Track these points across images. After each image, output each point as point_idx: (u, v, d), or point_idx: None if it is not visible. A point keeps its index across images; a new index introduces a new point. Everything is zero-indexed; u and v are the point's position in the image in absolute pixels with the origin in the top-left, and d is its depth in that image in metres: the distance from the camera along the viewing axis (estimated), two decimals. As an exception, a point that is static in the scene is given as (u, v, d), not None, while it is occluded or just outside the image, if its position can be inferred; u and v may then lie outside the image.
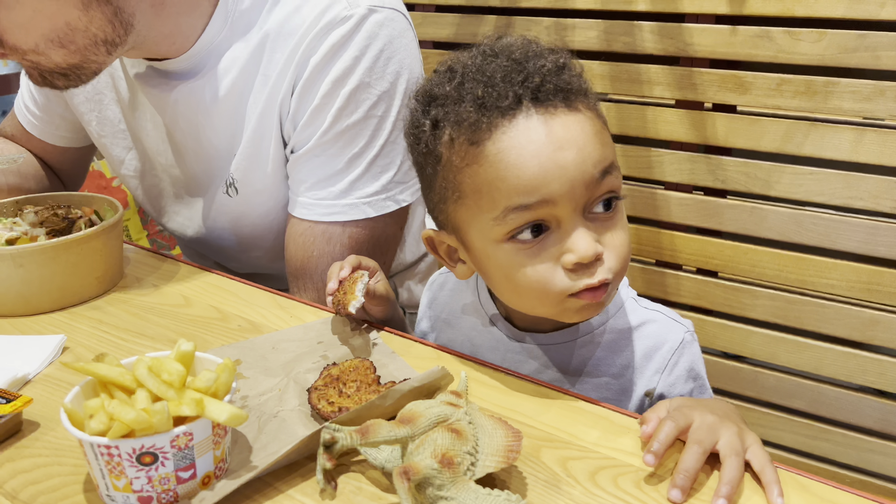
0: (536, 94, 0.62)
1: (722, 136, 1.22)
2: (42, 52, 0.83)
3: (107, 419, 0.51)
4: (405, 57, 0.92)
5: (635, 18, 1.26)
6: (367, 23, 0.88)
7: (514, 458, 0.53)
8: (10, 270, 0.82)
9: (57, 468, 0.59)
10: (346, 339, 0.77)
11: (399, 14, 0.92)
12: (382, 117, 0.91)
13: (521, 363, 0.75)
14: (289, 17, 0.89)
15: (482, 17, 1.40)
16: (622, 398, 0.73)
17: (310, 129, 0.91)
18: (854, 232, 1.14)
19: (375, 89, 0.90)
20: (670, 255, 1.32)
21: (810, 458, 1.27)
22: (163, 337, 0.79)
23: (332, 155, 0.91)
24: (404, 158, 0.93)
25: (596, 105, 0.67)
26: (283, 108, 0.92)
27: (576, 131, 0.63)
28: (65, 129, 1.13)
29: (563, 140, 0.62)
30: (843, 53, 1.09)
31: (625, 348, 0.73)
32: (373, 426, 0.53)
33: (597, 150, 0.63)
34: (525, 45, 0.67)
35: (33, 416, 0.65)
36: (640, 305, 0.76)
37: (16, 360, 0.73)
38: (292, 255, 0.95)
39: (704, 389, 0.74)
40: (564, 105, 0.63)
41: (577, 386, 0.74)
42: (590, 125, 0.64)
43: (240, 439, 0.61)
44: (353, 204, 0.92)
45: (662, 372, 0.72)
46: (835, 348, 1.20)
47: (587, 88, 0.66)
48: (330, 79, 0.88)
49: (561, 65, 0.66)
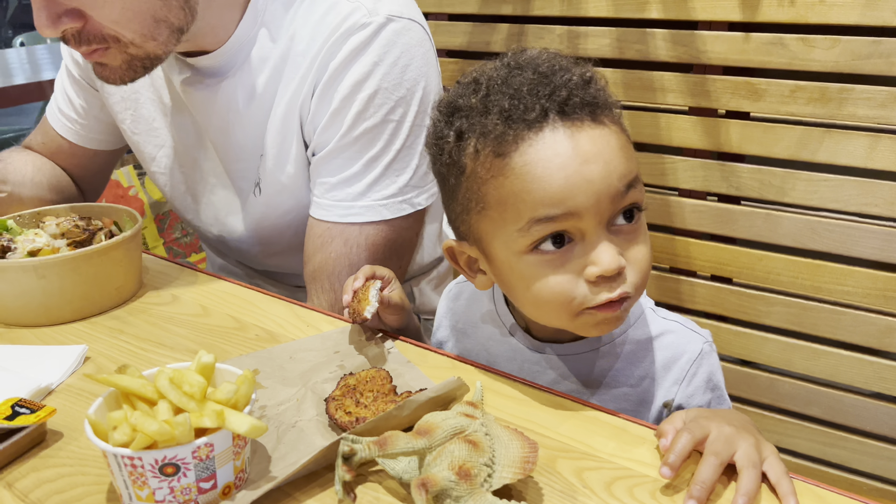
0: (563, 107, 0.63)
1: (736, 143, 1.22)
2: (139, 44, 0.88)
3: (130, 431, 0.52)
4: (422, 66, 0.94)
5: (648, 26, 1.26)
6: (385, 30, 0.92)
7: (531, 469, 0.53)
8: (32, 282, 0.83)
9: (80, 478, 0.60)
10: (362, 348, 0.78)
11: (417, 25, 0.95)
12: (399, 122, 0.94)
13: (540, 373, 0.75)
14: (316, 24, 0.93)
15: (495, 26, 1.40)
16: (641, 409, 0.73)
17: (329, 132, 0.94)
18: (870, 239, 1.14)
19: (393, 94, 0.93)
20: (685, 261, 1.32)
21: (827, 466, 1.27)
22: (182, 347, 0.80)
23: (351, 157, 0.94)
24: (420, 163, 0.96)
25: (620, 119, 0.67)
26: (304, 110, 0.95)
27: (601, 145, 0.63)
28: (99, 131, 1.15)
29: (590, 154, 0.63)
30: (856, 60, 1.09)
31: (644, 359, 0.73)
32: (390, 438, 0.53)
33: (622, 164, 0.64)
34: (550, 59, 0.68)
35: (57, 426, 0.66)
36: (659, 316, 0.76)
37: (39, 370, 0.74)
38: (310, 255, 0.97)
39: (723, 400, 0.73)
40: (591, 119, 0.64)
41: (595, 397, 0.74)
42: (615, 139, 0.65)
43: (259, 449, 0.62)
44: (370, 206, 0.94)
45: (681, 383, 0.72)
46: (851, 355, 1.20)
47: (612, 102, 0.67)
48: (348, 82, 0.92)
49: (587, 79, 0.66)
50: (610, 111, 0.66)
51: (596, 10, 1.29)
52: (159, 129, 1.08)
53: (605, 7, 1.28)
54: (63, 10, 0.83)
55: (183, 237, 1.75)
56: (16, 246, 0.88)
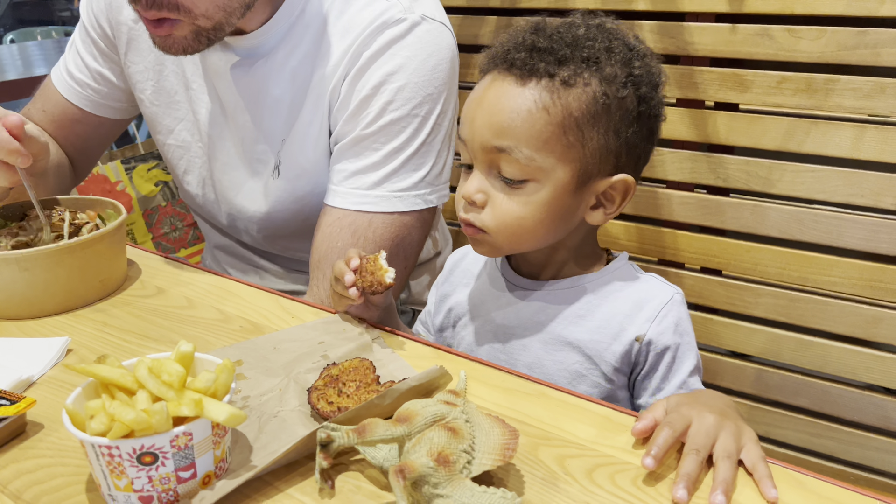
0: (512, 61, 0.73)
1: (723, 135, 1.22)
2: (210, 15, 0.88)
3: (107, 420, 0.52)
4: (449, 70, 0.97)
5: (635, 18, 1.26)
6: (419, 28, 0.94)
7: (511, 455, 0.54)
8: (16, 274, 0.83)
9: (60, 469, 0.60)
10: (346, 339, 0.78)
11: (448, 31, 0.98)
12: (424, 118, 0.96)
13: (524, 308, 0.81)
14: (352, 17, 0.95)
15: (483, 18, 1.40)
16: (614, 343, 0.77)
17: (355, 120, 0.96)
18: (856, 229, 1.14)
19: (422, 90, 0.95)
20: (673, 253, 1.32)
21: (815, 456, 1.27)
22: (166, 339, 0.80)
23: (373, 147, 0.96)
24: (436, 161, 0.99)
25: (571, 105, 0.72)
26: (333, 97, 0.97)
27: (504, 100, 0.73)
28: (113, 98, 1.14)
29: (487, 101, 0.74)
30: (842, 51, 1.09)
31: (619, 298, 0.79)
32: (369, 425, 0.53)
33: (506, 124, 0.72)
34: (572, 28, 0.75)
35: (37, 417, 0.66)
36: (637, 271, 0.83)
37: (20, 362, 0.74)
38: (318, 244, 0.97)
39: (690, 347, 0.78)
40: (520, 79, 0.72)
41: (574, 326, 0.79)
42: (529, 103, 0.72)
43: (240, 439, 0.62)
44: (384, 196, 0.96)
45: (652, 321, 0.77)
46: (838, 345, 1.20)
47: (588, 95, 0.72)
48: (380, 72, 0.94)
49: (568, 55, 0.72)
50: (566, 89, 0.71)
51: (583, 2, 1.29)
52: (181, 103, 1.08)
53: (592, 0, 1.28)
54: None
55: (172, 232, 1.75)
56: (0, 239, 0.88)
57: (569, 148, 0.72)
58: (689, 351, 0.77)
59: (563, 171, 0.73)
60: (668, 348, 0.76)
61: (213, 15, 0.88)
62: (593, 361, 0.78)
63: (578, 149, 0.73)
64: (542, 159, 0.73)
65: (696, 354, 0.78)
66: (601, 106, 0.72)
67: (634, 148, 0.76)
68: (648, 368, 0.77)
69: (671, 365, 0.77)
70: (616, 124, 0.73)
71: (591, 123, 0.72)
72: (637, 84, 0.74)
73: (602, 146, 0.73)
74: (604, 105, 0.72)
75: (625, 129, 0.74)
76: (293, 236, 1.09)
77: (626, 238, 1.35)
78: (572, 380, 0.78)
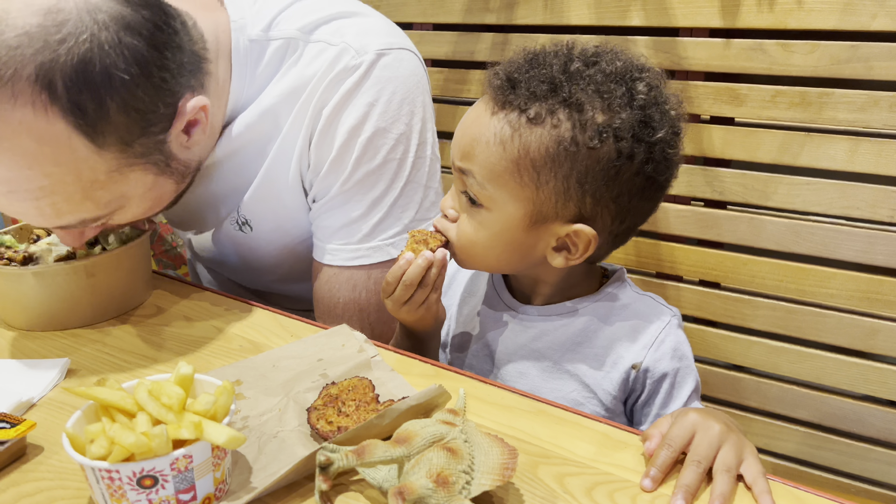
0: (496, 89, 0.72)
1: (719, 148, 1.23)
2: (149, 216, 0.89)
3: (107, 443, 0.52)
4: (417, 95, 0.92)
5: (630, 33, 1.27)
6: (376, 68, 0.89)
7: (510, 475, 0.54)
8: (82, 281, 0.85)
9: (60, 492, 0.60)
10: (345, 357, 0.78)
11: (408, 52, 0.93)
12: (401, 159, 0.92)
13: (521, 333, 0.81)
14: (300, 74, 0.90)
15: (479, 35, 1.41)
16: (612, 370, 0.76)
17: (330, 179, 0.92)
18: (852, 241, 1.14)
19: (392, 133, 0.90)
20: (670, 266, 1.32)
21: (815, 469, 1.27)
22: (165, 358, 0.80)
23: (354, 201, 0.92)
24: (425, 195, 0.95)
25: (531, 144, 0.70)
26: (303, 161, 0.92)
27: (476, 125, 0.73)
28: None
29: (464, 121, 0.76)
30: (836, 64, 1.10)
31: (615, 322, 0.78)
32: (369, 446, 0.53)
33: (468, 149, 0.73)
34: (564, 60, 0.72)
35: (37, 440, 0.66)
36: (633, 290, 0.81)
37: (20, 384, 0.74)
38: (319, 300, 0.96)
39: (690, 371, 0.77)
40: (497, 106, 0.72)
41: (570, 354, 0.78)
42: (489, 134, 0.72)
43: (240, 460, 0.62)
44: (378, 246, 0.93)
45: (650, 348, 0.76)
46: (836, 357, 1.20)
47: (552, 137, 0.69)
48: (345, 128, 0.89)
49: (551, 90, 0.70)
50: (531, 127, 0.69)
51: (578, 18, 1.30)
52: None
53: (588, 15, 1.29)
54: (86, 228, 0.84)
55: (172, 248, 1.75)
56: (38, 255, 0.88)
57: (522, 186, 0.71)
58: (687, 375, 0.76)
59: (515, 208, 0.72)
60: (667, 375, 0.75)
61: (142, 216, 0.87)
62: (591, 390, 0.77)
63: (532, 189, 0.71)
64: (494, 191, 0.72)
65: (695, 377, 0.77)
66: (563, 151, 0.68)
67: (606, 201, 0.71)
68: (647, 396, 0.76)
69: (670, 391, 0.76)
70: (580, 173, 0.69)
71: (549, 167, 0.69)
72: (618, 136, 0.68)
73: (559, 192, 0.70)
74: (567, 150, 0.68)
75: (592, 180, 0.69)
76: (286, 280, 1.07)
77: (623, 252, 1.35)
78: (573, 405, 0.78)
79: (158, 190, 0.85)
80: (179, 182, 0.87)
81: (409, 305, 0.78)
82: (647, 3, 1.23)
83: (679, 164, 0.74)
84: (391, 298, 0.79)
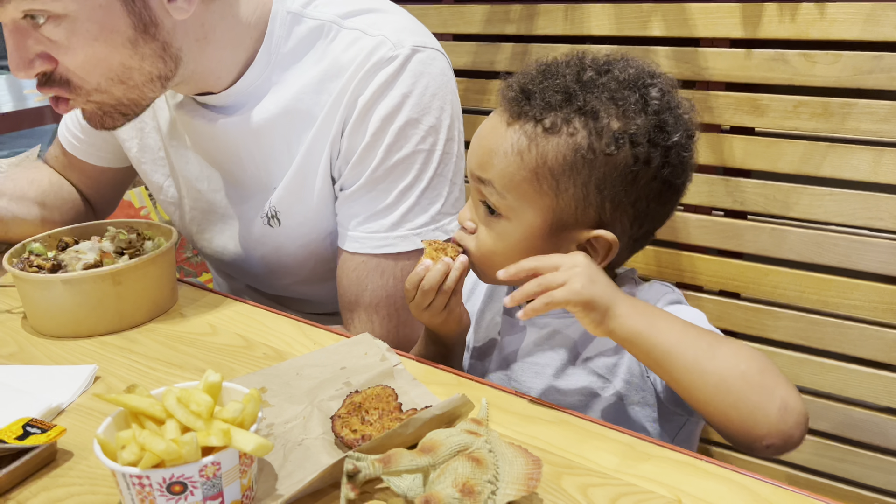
0: (510, 101, 0.74)
1: (740, 159, 1.22)
2: (104, 90, 0.88)
3: (138, 450, 0.53)
4: (447, 93, 0.96)
5: (650, 43, 1.27)
6: (411, 62, 0.92)
7: (535, 485, 0.54)
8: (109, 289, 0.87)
9: (90, 497, 0.61)
10: (368, 366, 0.78)
11: (440, 54, 0.97)
12: (430, 151, 0.94)
13: (534, 333, 0.82)
14: (337, 57, 0.93)
15: (499, 45, 1.42)
16: (624, 353, 0.78)
17: (361, 167, 0.94)
18: (876, 252, 1.13)
19: (423, 124, 0.93)
20: (690, 276, 1.32)
21: (837, 481, 1.26)
22: (190, 366, 0.81)
23: (383, 190, 0.94)
24: (451, 190, 0.98)
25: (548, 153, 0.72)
26: (334, 149, 0.95)
27: (492, 136, 0.75)
28: (106, 150, 1.16)
29: (481, 132, 0.77)
30: (858, 75, 1.09)
31: None
32: (395, 455, 0.54)
33: (486, 159, 0.74)
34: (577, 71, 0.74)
35: (67, 445, 0.67)
36: (640, 283, 0.83)
37: (50, 390, 0.75)
38: (345, 288, 0.97)
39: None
40: (512, 116, 0.74)
41: (583, 347, 0.80)
42: (507, 144, 0.73)
43: (265, 467, 0.62)
44: (405, 236, 0.95)
45: None
46: (860, 369, 1.19)
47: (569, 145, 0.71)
48: (378, 116, 0.92)
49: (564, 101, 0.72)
50: (547, 136, 0.71)
51: (598, 28, 1.30)
52: (165, 160, 1.09)
53: (608, 25, 1.29)
54: (34, 53, 0.84)
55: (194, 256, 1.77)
56: (66, 263, 0.90)
57: (541, 195, 0.72)
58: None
59: (534, 216, 0.74)
60: None
61: (109, 90, 0.87)
62: (606, 378, 0.78)
63: (552, 197, 0.72)
64: (513, 200, 0.74)
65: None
66: (581, 158, 0.70)
67: (625, 206, 0.73)
68: None
69: None
70: (599, 180, 0.71)
71: (568, 174, 0.71)
72: (634, 142, 0.70)
73: (579, 198, 0.72)
74: (584, 158, 0.70)
75: (610, 186, 0.71)
76: (308, 281, 1.08)
77: (643, 262, 1.35)
78: (587, 400, 0.79)
79: (111, 19, 0.82)
80: (137, 38, 0.85)
81: (429, 311, 0.79)
82: (667, 14, 1.23)
83: (694, 167, 0.77)
84: (412, 304, 0.80)
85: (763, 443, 0.63)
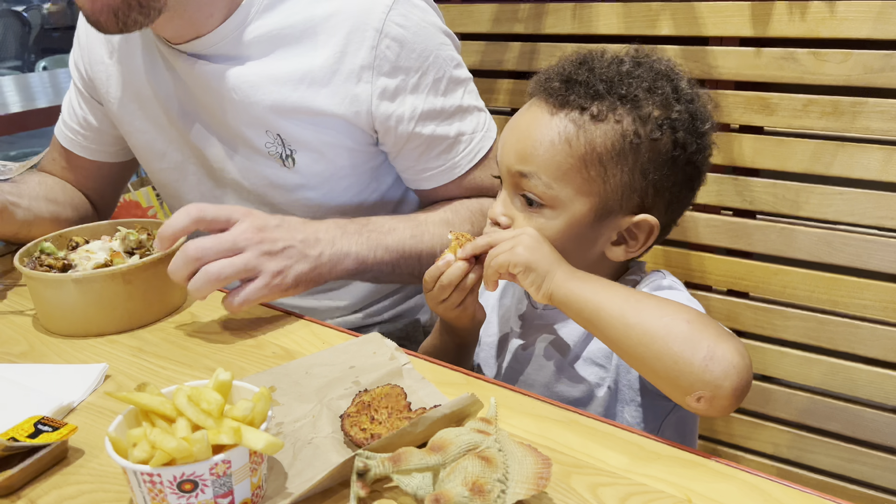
0: (549, 90, 0.76)
1: (749, 158, 1.22)
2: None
3: (149, 448, 0.53)
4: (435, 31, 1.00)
5: (659, 42, 1.26)
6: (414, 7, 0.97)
7: (544, 485, 0.54)
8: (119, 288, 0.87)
9: (101, 494, 0.61)
10: (377, 365, 0.78)
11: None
12: (458, 65, 1.02)
13: (542, 329, 0.83)
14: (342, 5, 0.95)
15: (507, 45, 1.42)
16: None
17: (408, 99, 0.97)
18: (886, 252, 1.13)
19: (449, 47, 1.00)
20: (700, 276, 1.31)
21: (848, 482, 1.25)
22: (200, 365, 0.81)
23: (429, 145, 0.99)
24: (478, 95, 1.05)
25: (596, 140, 0.73)
26: (367, 120, 0.98)
27: (533, 127, 0.75)
28: (103, 142, 1.17)
29: (517, 126, 0.77)
30: (869, 74, 1.09)
31: None
32: (404, 454, 0.54)
33: (529, 151, 0.75)
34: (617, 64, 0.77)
35: (78, 443, 0.67)
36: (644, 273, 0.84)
37: (61, 388, 0.75)
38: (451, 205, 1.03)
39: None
40: (553, 107, 0.75)
41: (586, 339, 0.80)
42: (553, 133, 0.74)
43: (275, 466, 0.63)
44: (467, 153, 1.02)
45: None
46: (869, 369, 1.19)
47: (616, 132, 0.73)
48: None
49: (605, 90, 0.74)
50: (595, 124, 0.73)
51: (607, 27, 1.30)
52: (165, 127, 1.07)
53: (616, 24, 1.29)
54: None
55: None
56: (77, 262, 0.90)
57: (589, 182, 0.74)
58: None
59: (581, 203, 0.75)
60: None
61: None
62: (606, 368, 0.79)
63: (599, 183, 0.74)
64: (560, 189, 0.74)
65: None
66: (629, 144, 0.73)
67: (663, 191, 0.76)
68: None
69: None
70: (644, 165, 0.74)
71: (616, 160, 0.73)
72: (674, 128, 0.74)
73: (625, 184, 0.74)
74: (632, 144, 0.73)
75: (654, 170, 0.74)
76: None
77: (652, 261, 1.35)
78: (590, 394, 0.79)
79: None
80: None
81: (445, 305, 0.80)
82: (676, 12, 1.23)
83: (711, 156, 0.80)
84: (429, 295, 0.80)
85: (693, 395, 0.63)
